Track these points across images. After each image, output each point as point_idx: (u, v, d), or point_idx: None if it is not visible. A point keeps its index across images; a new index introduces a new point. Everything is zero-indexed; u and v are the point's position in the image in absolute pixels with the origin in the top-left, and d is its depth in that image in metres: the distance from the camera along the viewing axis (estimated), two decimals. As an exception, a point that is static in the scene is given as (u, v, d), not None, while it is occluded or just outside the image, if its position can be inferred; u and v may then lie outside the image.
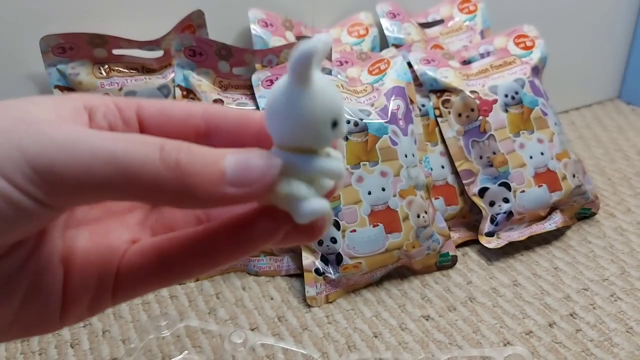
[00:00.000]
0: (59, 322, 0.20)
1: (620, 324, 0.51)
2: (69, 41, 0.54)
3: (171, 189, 0.17)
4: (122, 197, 0.18)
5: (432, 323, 0.52)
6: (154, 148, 0.17)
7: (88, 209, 0.22)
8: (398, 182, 0.54)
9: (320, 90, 0.19)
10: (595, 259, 0.59)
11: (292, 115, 0.19)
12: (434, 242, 0.56)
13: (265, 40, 0.61)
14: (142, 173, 0.17)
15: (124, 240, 0.21)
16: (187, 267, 0.20)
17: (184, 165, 0.17)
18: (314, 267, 0.54)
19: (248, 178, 0.18)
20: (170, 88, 0.56)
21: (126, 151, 0.17)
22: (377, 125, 0.54)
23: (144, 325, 0.50)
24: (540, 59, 0.63)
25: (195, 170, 0.18)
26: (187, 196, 0.18)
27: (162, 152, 0.17)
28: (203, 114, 0.21)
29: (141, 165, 0.17)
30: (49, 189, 0.17)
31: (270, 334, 0.51)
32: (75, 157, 0.17)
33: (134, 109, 0.21)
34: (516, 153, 0.59)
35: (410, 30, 0.67)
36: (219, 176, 0.18)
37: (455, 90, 0.59)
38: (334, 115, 0.19)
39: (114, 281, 0.20)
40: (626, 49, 0.89)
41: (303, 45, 0.18)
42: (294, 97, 0.19)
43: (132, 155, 0.17)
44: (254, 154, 0.19)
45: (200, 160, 0.18)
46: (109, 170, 0.17)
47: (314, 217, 0.19)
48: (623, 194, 0.69)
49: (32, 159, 0.16)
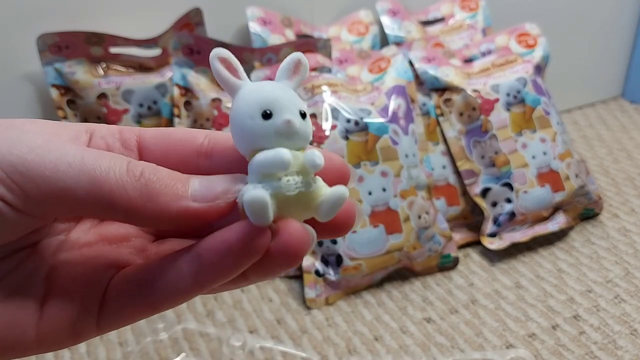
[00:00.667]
0: (35, 346, 0.19)
1: (624, 326, 0.50)
2: (65, 40, 0.53)
3: (134, 197, 0.18)
4: (88, 205, 0.18)
5: (433, 326, 0.51)
6: (122, 160, 0.18)
7: (83, 234, 0.21)
8: (399, 182, 0.53)
9: (247, 90, 0.20)
10: (598, 260, 0.58)
11: (230, 122, 0.20)
12: (435, 244, 0.55)
13: (264, 38, 0.60)
14: (108, 179, 0.18)
15: (113, 266, 0.20)
16: (166, 292, 0.19)
17: (148, 176, 0.18)
18: (313, 268, 0.54)
19: (211, 194, 0.19)
20: (168, 87, 0.56)
21: (95, 158, 0.18)
22: (378, 124, 0.53)
23: (141, 327, 0.49)
24: (542, 57, 0.63)
25: (160, 184, 0.18)
26: (150, 208, 0.18)
27: (130, 164, 0.18)
28: (207, 135, 0.21)
29: (107, 172, 0.18)
30: (18, 190, 0.17)
31: (269, 337, 0.50)
32: (45, 159, 0.17)
33: (135, 132, 0.21)
34: (518, 153, 0.58)
35: (411, 28, 0.66)
36: (184, 190, 0.19)
37: (457, 89, 0.59)
38: (261, 106, 0.19)
39: (100, 307, 0.20)
40: (629, 47, 0.88)
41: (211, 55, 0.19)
42: (231, 108, 0.20)
43: (100, 163, 0.18)
44: (219, 176, 0.19)
45: (166, 175, 0.19)
46: (75, 174, 0.17)
47: (251, 206, 0.18)
48: (627, 194, 0.68)
49: (2, 159, 0.17)
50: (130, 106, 0.55)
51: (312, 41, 0.57)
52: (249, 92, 0.20)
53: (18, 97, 0.55)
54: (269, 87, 0.20)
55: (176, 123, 0.55)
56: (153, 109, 0.56)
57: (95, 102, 0.54)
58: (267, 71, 0.55)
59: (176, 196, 0.18)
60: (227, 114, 0.54)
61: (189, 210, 0.18)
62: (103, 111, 0.55)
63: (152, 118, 0.56)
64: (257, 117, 0.19)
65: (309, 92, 0.54)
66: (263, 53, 0.56)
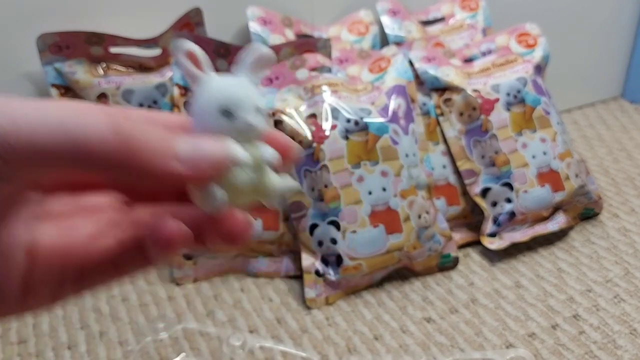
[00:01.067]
0: (16, 307, 0.21)
1: (624, 325, 0.50)
2: (65, 39, 0.53)
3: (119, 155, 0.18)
4: (69, 161, 0.18)
5: (433, 325, 0.51)
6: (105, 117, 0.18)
7: (57, 202, 0.22)
8: (399, 182, 0.53)
9: (208, 85, 0.20)
10: (598, 260, 0.58)
11: (191, 113, 0.21)
12: (436, 243, 0.55)
13: (264, 38, 0.60)
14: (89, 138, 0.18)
15: (90, 237, 0.21)
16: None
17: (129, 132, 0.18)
18: (313, 268, 0.54)
19: (197, 156, 0.19)
20: (168, 86, 0.56)
21: (77, 115, 0.18)
22: (378, 124, 0.53)
23: (141, 327, 0.49)
24: (542, 57, 0.63)
25: (146, 141, 0.18)
26: (135, 165, 0.18)
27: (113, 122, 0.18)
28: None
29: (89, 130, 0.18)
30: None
31: (270, 337, 0.51)
32: (23, 112, 0.17)
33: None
34: (518, 153, 0.58)
35: (411, 28, 0.66)
36: (171, 151, 0.19)
37: (457, 89, 0.59)
38: (220, 104, 0.20)
39: (79, 274, 0.21)
40: (629, 47, 0.88)
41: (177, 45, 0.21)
42: (193, 99, 0.21)
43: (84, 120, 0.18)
44: (206, 139, 0.20)
45: (152, 134, 0.19)
46: (56, 131, 0.17)
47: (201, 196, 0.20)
48: (627, 194, 0.68)
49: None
50: (130, 106, 0.55)
51: (312, 41, 0.58)
52: (210, 89, 0.21)
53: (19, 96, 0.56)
54: (229, 85, 0.21)
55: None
56: (153, 109, 0.56)
57: (95, 102, 0.54)
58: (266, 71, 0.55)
59: (162, 156, 0.19)
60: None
61: (174, 171, 0.19)
62: (103, 111, 0.55)
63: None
64: (216, 114, 0.20)
65: (309, 92, 0.54)
66: (263, 53, 0.56)
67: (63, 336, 0.51)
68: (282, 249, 0.57)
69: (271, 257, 0.58)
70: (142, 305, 0.54)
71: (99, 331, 0.51)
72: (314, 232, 0.53)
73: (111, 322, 0.52)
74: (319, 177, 0.52)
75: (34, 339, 0.51)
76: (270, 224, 0.55)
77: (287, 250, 0.57)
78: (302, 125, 0.53)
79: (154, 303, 0.55)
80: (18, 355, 0.49)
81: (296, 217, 0.54)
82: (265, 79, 0.55)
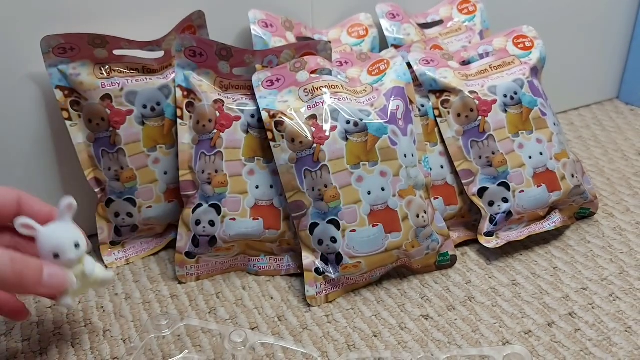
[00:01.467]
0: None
1: (619, 323, 0.51)
2: (69, 42, 0.54)
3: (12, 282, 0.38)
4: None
5: (431, 322, 0.52)
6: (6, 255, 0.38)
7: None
8: (397, 182, 0.54)
9: (40, 237, 0.40)
10: (594, 259, 0.59)
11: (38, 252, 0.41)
12: (434, 242, 0.56)
13: (265, 40, 0.61)
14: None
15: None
16: None
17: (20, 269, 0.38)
18: (314, 266, 0.54)
19: (54, 282, 0.40)
20: (171, 88, 0.57)
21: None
22: (377, 125, 0.54)
23: (144, 324, 0.50)
24: (539, 59, 0.63)
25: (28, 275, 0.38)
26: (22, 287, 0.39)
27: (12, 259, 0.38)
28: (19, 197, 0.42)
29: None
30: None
31: (271, 333, 0.51)
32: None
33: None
34: (515, 153, 0.59)
35: (410, 30, 0.67)
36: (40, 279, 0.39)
37: (455, 90, 0.60)
38: (50, 250, 0.40)
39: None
40: (625, 49, 0.89)
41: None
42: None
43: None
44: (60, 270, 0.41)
45: (32, 270, 0.39)
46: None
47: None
48: (622, 194, 0.69)
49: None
50: (133, 107, 0.56)
51: (312, 43, 0.58)
52: (42, 240, 0.40)
53: (24, 98, 0.56)
54: (54, 235, 0.40)
55: (179, 124, 0.56)
56: (156, 110, 0.57)
57: (99, 103, 0.55)
58: (268, 73, 0.56)
59: (36, 283, 0.39)
60: (229, 115, 0.55)
61: (40, 292, 0.40)
62: (107, 112, 0.55)
63: (156, 119, 0.57)
64: (51, 257, 0.40)
65: (310, 94, 0.55)
66: (264, 55, 0.57)
67: (67, 334, 0.52)
68: (283, 248, 0.58)
69: (272, 255, 0.59)
70: (145, 302, 0.55)
71: (102, 328, 0.52)
72: (314, 231, 0.54)
73: (115, 319, 0.53)
74: (319, 177, 0.53)
75: (37, 336, 0.51)
76: (272, 223, 0.56)
77: (288, 248, 0.58)
78: (302, 126, 0.53)
79: (157, 301, 0.55)
80: (22, 352, 0.50)
81: (296, 216, 0.55)
82: (267, 81, 0.56)
